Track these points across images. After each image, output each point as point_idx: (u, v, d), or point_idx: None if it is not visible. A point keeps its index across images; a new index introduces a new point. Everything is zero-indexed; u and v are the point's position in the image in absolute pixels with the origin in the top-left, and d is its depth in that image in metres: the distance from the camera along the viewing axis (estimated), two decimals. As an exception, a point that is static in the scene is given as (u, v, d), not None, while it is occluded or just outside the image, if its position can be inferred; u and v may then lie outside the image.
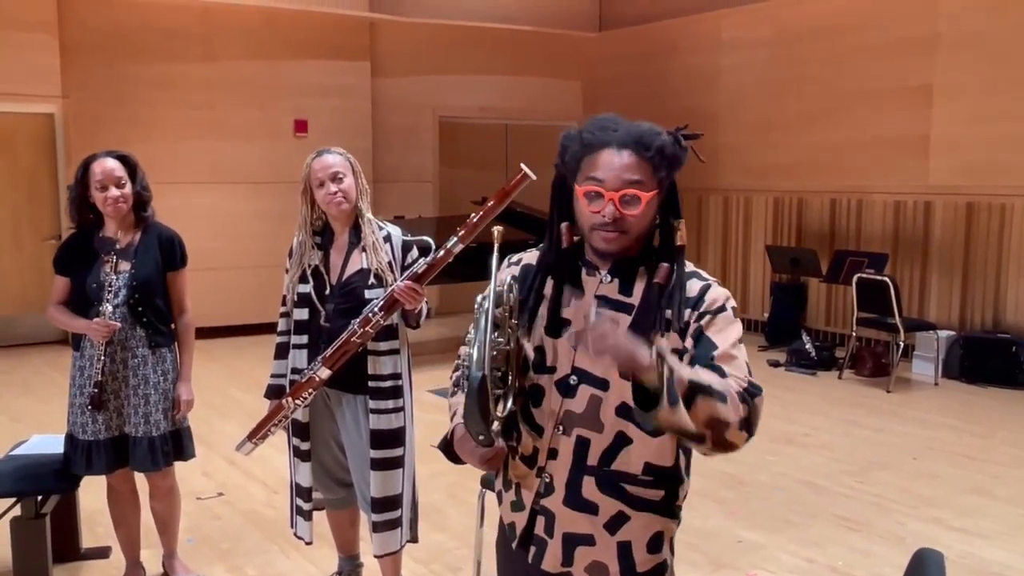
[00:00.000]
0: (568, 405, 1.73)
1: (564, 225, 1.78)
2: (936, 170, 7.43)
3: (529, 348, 1.79)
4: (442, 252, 2.77)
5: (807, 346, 7.40)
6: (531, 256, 1.87)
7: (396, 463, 2.96)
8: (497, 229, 1.81)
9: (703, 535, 3.95)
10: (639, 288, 1.72)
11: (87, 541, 3.77)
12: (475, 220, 2.67)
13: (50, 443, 3.56)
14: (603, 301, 1.74)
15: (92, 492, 3.94)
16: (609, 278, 1.75)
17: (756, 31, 8.73)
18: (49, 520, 3.24)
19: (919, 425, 5.75)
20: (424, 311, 2.96)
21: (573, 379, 1.73)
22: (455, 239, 2.72)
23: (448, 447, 1.88)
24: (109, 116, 7.91)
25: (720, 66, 9.10)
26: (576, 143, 1.72)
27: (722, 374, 1.62)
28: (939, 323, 7.27)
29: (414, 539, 3.11)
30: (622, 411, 1.70)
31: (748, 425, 1.60)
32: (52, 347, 8.06)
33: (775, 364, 7.51)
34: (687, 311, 1.69)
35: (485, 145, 10.18)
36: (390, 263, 2.97)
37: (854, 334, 7.14)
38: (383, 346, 2.93)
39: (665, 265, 1.71)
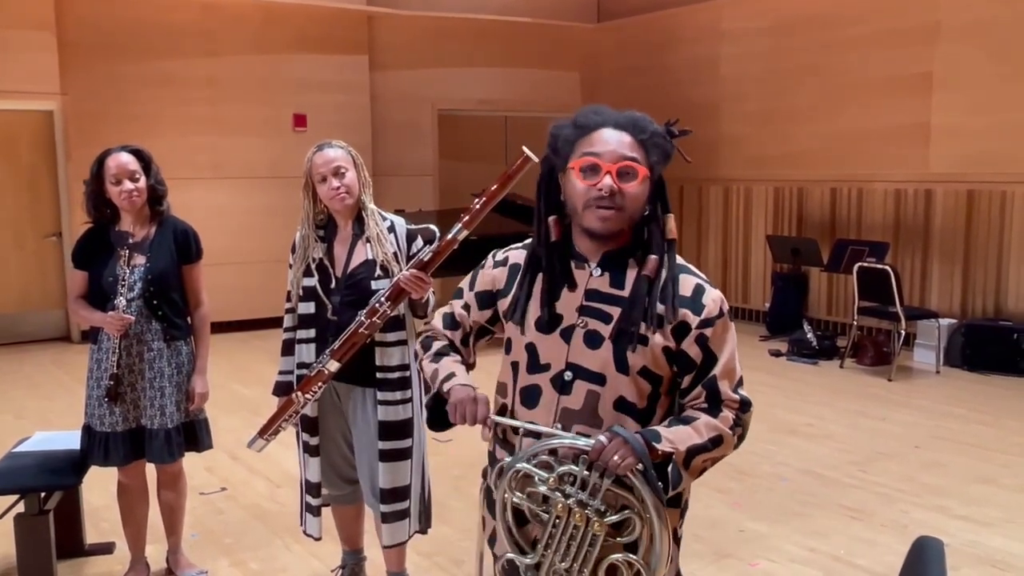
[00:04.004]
0: (565, 402, 1.72)
1: (552, 219, 1.77)
2: (937, 158, 7.41)
3: (521, 347, 1.79)
4: (446, 240, 2.73)
5: (808, 335, 7.40)
6: (517, 254, 1.86)
7: (404, 454, 2.95)
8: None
9: (706, 525, 3.95)
10: (630, 281, 1.71)
11: (91, 537, 3.78)
12: (479, 206, 2.62)
13: (53, 440, 3.56)
14: (594, 295, 1.73)
15: (96, 488, 3.95)
16: (599, 271, 1.74)
17: (756, 21, 8.70)
18: (53, 516, 3.24)
19: (922, 414, 5.74)
20: (432, 300, 2.94)
21: (568, 375, 1.72)
22: (459, 226, 2.67)
23: (439, 410, 1.84)
24: (109, 113, 7.91)
25: (720, 56, 9.07)
26: (569, 128, 1.73)
27: (717, 406, 1.70)
28: (940, 311, 7.27)
29: (423, 531, 3.11)
30: (620, 405, 1.70)
31: (740, 441, 1.73)
32: (55, 344, 8.08)
33: (776, 354, 7.50)
34: (684, 311, 1.69)
35: (485, 137, 10.16)
36: (395, 253, 2.95)
37: (855, 323, 7.14)
38: (391, 337, 2.91)
39: (654, 257, 1.70)
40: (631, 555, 1.64)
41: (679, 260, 1.75)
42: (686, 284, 1.71)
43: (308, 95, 8.84)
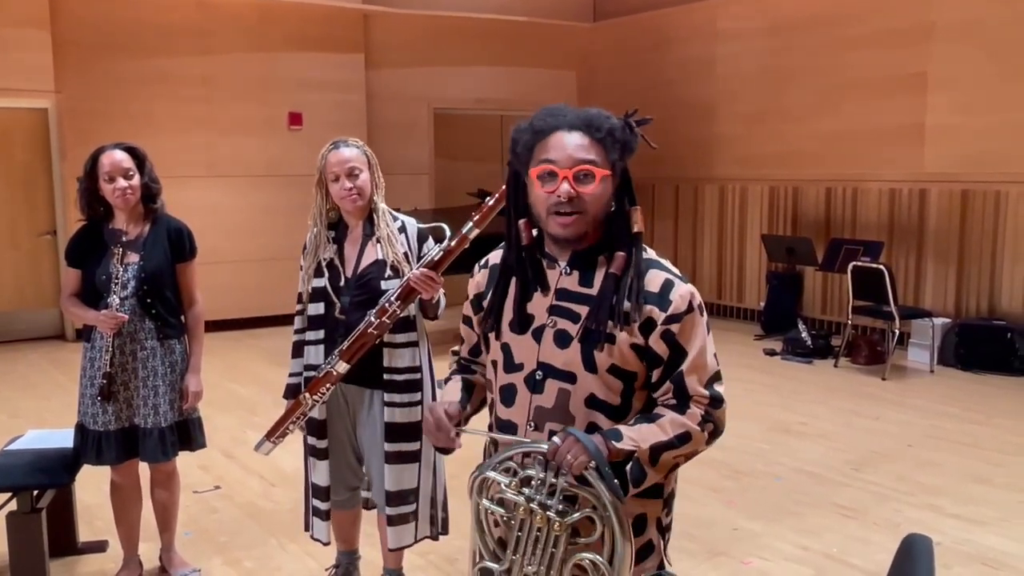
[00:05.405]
0: (537, 401, 1.74)
1: (522, 222, 1.78)
2: (931, 158, 7.42)
3: (497, 347, 1.81)
4: (458, 238, 2.69)
5: (803, 335, 7.40)
6: (496, 255, 1.88)
7: (411, 457, 2.91)
8: None
9: (699, 523, 3.96)
10: (599, 279, 1.72)
11: (84, 535, 3.77)
12: (490, 204, 2.58)
13: (46, 438, 3.56)
14: (564, 294, 1.74)
15: (89, 486, 3.95)
16: (569, 270, 1.75)
17: (751, 20, 8.71)
18: (45, 514, 3.23)
19: (916, 413, 5.75)
20: (442, 301, 2.91)
21: (539, 374, 1.73)
22: (471, 224, 2.62)
23: None
24: (103, 111, 7.89)
25: (715, 55, 9.08)
26: (527, 133, 1.73)
27: (685, 401, 1.68)
28: (934, 310, 7.28)
29: (434, 536, 3.06)
30: (591, 402, 1.71)
31: (713, 437, 1.71)
32: (49, 342, 8.06)
33: (771, 353, 7.51)
34: (650, 308, 1.68)
35: (481, 136, 10.17)
36: (406, 254, 2.91)
37: (850, 322, 7.15)
38: (400, 338, 2.87)
39: (621, 254, 1.70)
40: (596, 555, 1.63)
41: (652, 255, 1.75)
42: (655, 280, 1.70)
43: (304, 94, 8.83)
